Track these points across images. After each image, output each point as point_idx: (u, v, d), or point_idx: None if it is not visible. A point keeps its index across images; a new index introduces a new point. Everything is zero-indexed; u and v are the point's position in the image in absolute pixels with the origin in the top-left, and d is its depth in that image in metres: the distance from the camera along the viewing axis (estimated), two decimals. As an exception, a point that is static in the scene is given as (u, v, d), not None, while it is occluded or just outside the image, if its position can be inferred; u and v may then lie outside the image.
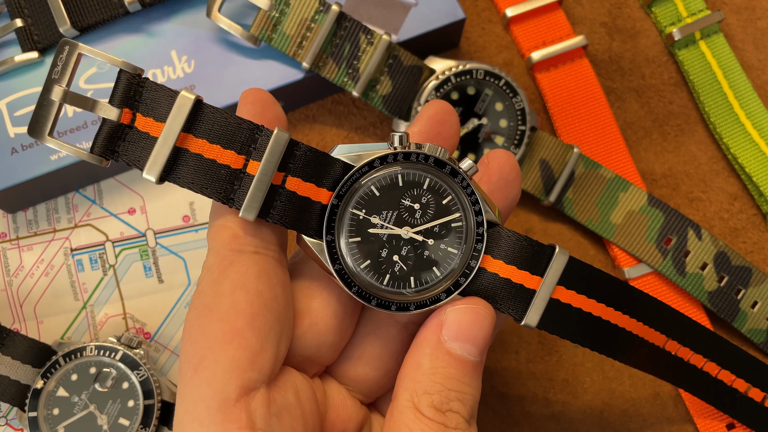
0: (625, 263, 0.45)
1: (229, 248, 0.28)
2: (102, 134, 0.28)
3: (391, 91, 0.43)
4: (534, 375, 0.44)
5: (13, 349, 0.40)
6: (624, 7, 0.50)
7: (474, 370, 0.29)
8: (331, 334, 0.30)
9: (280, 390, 0.28)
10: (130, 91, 0.28)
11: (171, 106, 0.27)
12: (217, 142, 0.27)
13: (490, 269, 0.29)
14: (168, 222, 0.46)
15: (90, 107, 0.28)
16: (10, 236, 0.46)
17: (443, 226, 0.29)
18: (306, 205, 0.28)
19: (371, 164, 0.29)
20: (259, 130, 0.28)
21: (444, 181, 0.29)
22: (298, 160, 0.28)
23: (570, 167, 0.45)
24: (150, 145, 0.27)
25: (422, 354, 0.28)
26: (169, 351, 0.44)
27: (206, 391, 0.26)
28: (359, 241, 0.29)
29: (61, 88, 0.28)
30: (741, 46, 0.50)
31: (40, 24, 0.44)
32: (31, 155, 0.42)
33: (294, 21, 0.43)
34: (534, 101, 0.48)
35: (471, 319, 0.28)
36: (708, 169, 0.48)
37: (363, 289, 0.29)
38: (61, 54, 0.28)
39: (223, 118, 0.27)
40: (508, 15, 0.48)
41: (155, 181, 0.27)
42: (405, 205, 0.29)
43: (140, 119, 0.28)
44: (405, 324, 0.32)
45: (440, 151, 0.29)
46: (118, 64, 0.28)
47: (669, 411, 0.44)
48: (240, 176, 0.28)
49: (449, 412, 0.28)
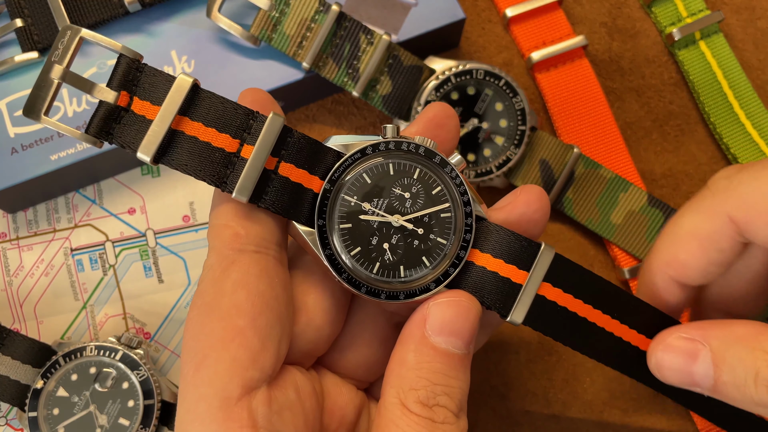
0: (625, 263, 0.45)
1: (230, 247, 0.28)
2: (98, 116, 0.28)
3: (391, 91, 0.43)
4: (534, 375, 0.44)
5: (13, 349, 0.40)
6: (624, 7, 0.50)
7: (461, 363, 0.28)
8: (327, 328, 0.30)
9: (281, 388, 0.28)
10: (128, 75, 0.28)
11: (169, 89, 0.27)
12: (213, 125, 0.28)
13: (478, 263, 0.29)
14: (168, 222, 0.46)
15: (88, 89, 0.28)
16: (10, 236, 0.46)
17: (433, 215, 0.29)
18: (298, 192, 0.28)
19: (363, 152, 0.29)
20: (254, 116, 0.28)
21: (433, 172, 0.29)
22: (291, 146, 0.28)
23: (570, 167, 0.45)
24: (145, 128, 0.28)
25: (407, 350, 0.28)
26: (169, 351, 0.44)
27: (208, 390, 0.26)
28: (350, 228, 0.29)
29: (60, 67, 0.28)
30: (741, 46, 0.50)
31: (40, 24, 0.44)
32: (31, 155, 0.42)
33: (294, 21, 0.43)
34: (534, 101, 0.48)
35: (454, 312, 0.28)
36: (708, 169, 0.48)
37: (353, 276, 0.29)
38: (62, 38, 0.28)
39: (219, 102, 0.28)
40: (508, 15, 0.48)
41: (149, 160, 0.27)
42: (396, 193, 0.29)
43: (137, 102, 0.28)
44: (392, 312, 0.32)
45: (429, 142, 0.29)
46: (118, 48, 0.28)
47: (669, 411, 0.44)
48: (234, 160, 0.28)
49: (436, 406, 0.28)
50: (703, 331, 0.29)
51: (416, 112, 0.43)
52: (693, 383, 0.29)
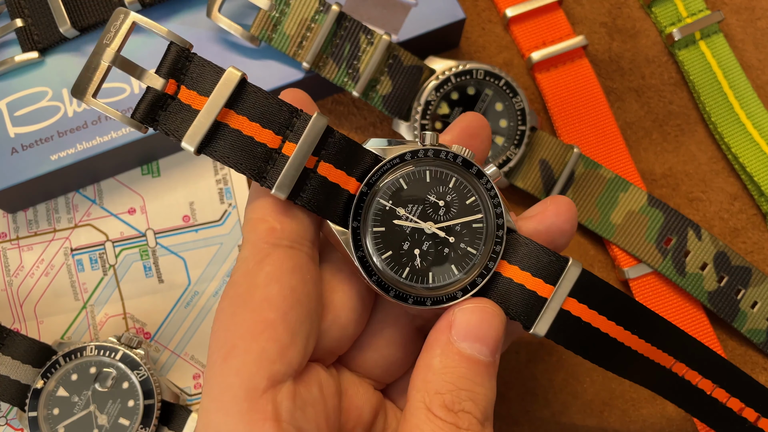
0: (625, 263, 0.45)
1: (265, 241, 0.28)
2: (145, 101, 0.28)
3: (391, 91, 0.43)
4: (534, 375, 0.44)
5: (13, 349, 0.40)
6: (624, 7, 0.50)
7: (486, 370, 0.28)
8: (351, 326, 0.31)
9: (306, 384, 0.28)
10: (177, 64, 0.28)
11: (216, 82, 0.28)
12: (257, 120, 0.28)
13: (506, 274, 0.30)
14: (168, 222, 0.46)
15: (138, 75, 0.28)
16: (10, 236, 0.46)
17: (465, 225, 0.30)
18: (335, 192, 0.29)
19: (402, 157, 0.29)
20: (298, 114, 0.28)
21: (469, 182, 0.30)
22: (331, 146, 0.28)
23: (570, 167, 0.45)
24: (190, 118, 0.28)
25: (433, 355, 0.28)
26: (169, 351, 0.44)
27: (234, 380, 0.26)
28: (383, 231, 0.29)
29: (112, 50, 0.28)
30: (741, 46, 0.50)
31: (40, 24, 0.44)
32: (31, 155, 0.42)
33: (294, 21, 0.43)
34: (534, 101, 0.48)
35: (479, 318, 0.28)
36: (708, 169, 0.48)
37: (382, 279, 0.29)
38: (115, 21, 0.28)
39: (264, 98, 0.28)
40: (508, 15, 0.48)
41: (193, 150, 0.28)
42: (430, 201, 0.29)
43: (184, 91, 0.28)
44: (414, 315, 0.32)
45: (467, 152, 0.30)
46: (168, 36, 0.28)
47: (669, 411, 0.44)
48: (275, 156, 0.28)
49: (461, 412, 0.28)
50: None
51: (416, 112, 0.43)
52: None
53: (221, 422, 0.26)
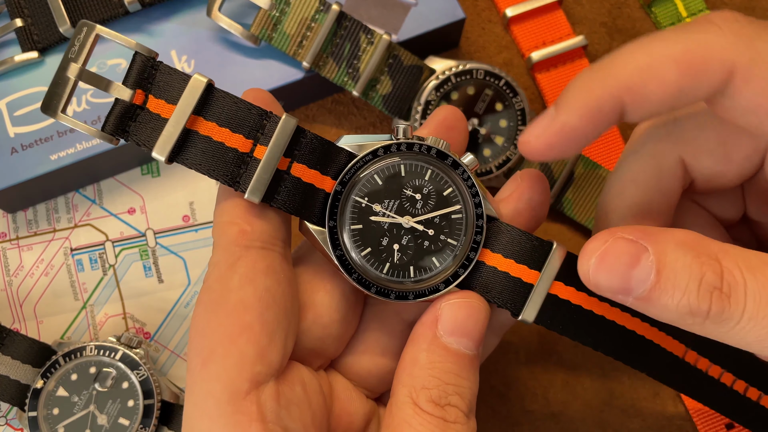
0: (625, 263, 0.45)
1: (236, 244, 0.28)
2: (114, 114, 0.28)
3: (391, 90, 0.43)
4: (534, 375, 0.44)
5: (13, 349, 0.40)
6: (624, 7, 0.50)
7: (471, 363, 0.29)
8: (335, 326, 0.31)
9: (288, 383, 0.28)
10: (144, 73, 0.28)
11: (183, 89, 0.28)
12: (227, 125, 0.28)
13: (489, 263, 0.29)
14: (168, 222, 0.46)
15: (104, 87, 0.28)
16: (10, 236, 0.46)
17: (443, 217, 0.29)
18: (310, 192, 0.29)
19: (375, 153, 0.29)
20: (268, 117, 0.28)
21: (445, 173, 0.30)
22: (303, 147, 0.28)
23: (569, 167, 0.45)
24: (160, 126, 0.28)
25: (419, 349, 0.29)
26: (169, 351, 0.44)
27: (216, 386, 0.26)
28: (361, 229, 0.29)
29: (77, 65, 0.28)
30: (741, 46, 0.50)
31: (40, 24, 0.44)
32: (31, 155, 0.42)
33: (294, 20, 0.43)
34: (534, 101, 0.48)
35: (466, 313, 0.29)
36: (708, 169, 0.48)
37: (363, 276, 0.29)
38: (79, 34, 0.28)
39: (233, 102, 0.28)
40: (508, 15, 0.48)
41: (164, 160, 0.28)
42: (407, 194, 0.29)
43: (152, 101, 0.28)
44: (410, 322, 0.32)
45: (442, 144, 0.29)
46: (133, 46, 0.28)
47: (669, 411, 0.44)
48: (247, 160, 0.28)
49: (448, 406, 0.28)
50: (646, 235, 0.26)
51: (416, 112, 0.43)
52: (625, 289, 0.26)
53: (206, 428, 0.26)
